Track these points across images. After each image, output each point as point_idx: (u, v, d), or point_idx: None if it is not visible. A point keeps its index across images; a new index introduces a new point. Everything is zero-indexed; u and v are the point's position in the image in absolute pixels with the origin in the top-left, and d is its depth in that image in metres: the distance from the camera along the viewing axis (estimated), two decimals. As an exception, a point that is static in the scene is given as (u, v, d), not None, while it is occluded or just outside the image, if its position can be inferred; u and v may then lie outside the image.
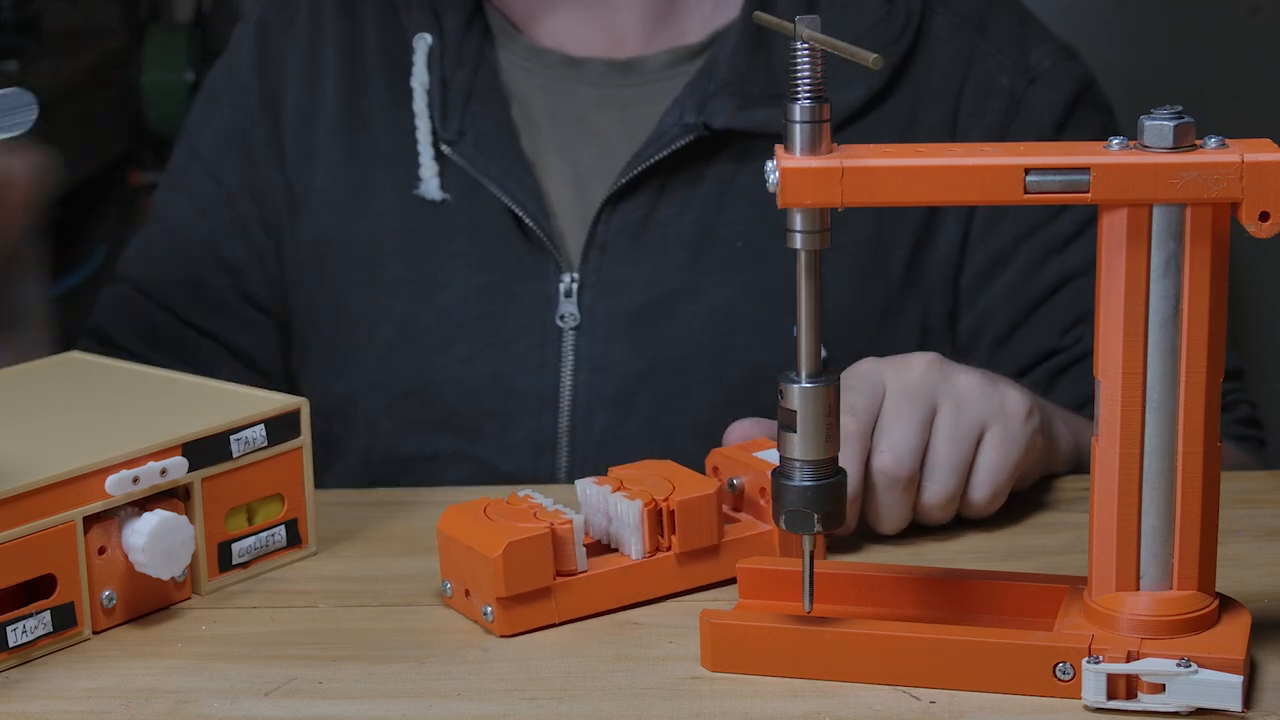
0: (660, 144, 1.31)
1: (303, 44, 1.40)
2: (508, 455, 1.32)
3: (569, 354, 1.32)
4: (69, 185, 2.68)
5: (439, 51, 1.35)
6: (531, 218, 1.31)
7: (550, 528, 0.98)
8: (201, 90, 1.46)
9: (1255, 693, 0.89)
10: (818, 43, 0.86)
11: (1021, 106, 1.34)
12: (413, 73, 1.35)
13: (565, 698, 0.91)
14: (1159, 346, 0.87)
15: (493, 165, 1.32)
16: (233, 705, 0.91)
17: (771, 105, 1.30)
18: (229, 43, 1.45)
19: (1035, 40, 1.37)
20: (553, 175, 1.34)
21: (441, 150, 1.34)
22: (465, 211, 1.34)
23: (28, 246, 1.21)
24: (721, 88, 1.31)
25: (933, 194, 0.87)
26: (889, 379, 1.08)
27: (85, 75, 2.75)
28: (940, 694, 0.89)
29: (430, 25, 1.36)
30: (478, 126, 1.34)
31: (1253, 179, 0.84)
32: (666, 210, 1.32)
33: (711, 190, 1.32)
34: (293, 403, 1.06)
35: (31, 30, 2.75)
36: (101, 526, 0.98)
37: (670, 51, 1.36)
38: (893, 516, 1.07)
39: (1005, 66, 1.34)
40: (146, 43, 2.83)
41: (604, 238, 1.32)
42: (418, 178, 1.34)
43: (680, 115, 1.31)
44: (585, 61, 1.37)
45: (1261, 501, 1.13)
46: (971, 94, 1.34)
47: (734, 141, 1.31)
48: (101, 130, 2.78)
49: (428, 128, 1.34)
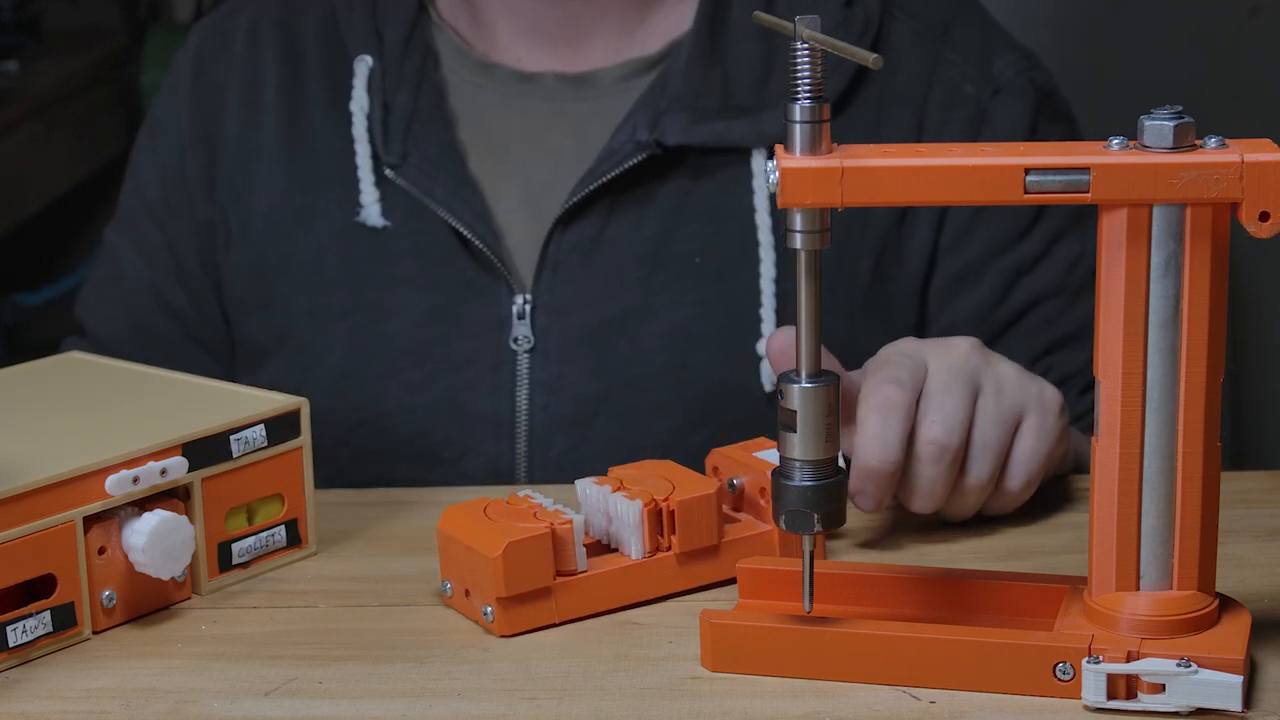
0: (612, 162, 1.29)
1: (240, 71, 1.38)
2: (465, 481, 1.30)
3: (524, 376, 1.29)
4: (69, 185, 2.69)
5: (379, 73, 1.33)
6: (480, 239, 1.29)
7: (550, 528, 0.98)
8: (145, 121, 1.44)
9: (1255, 693, 0.89)
10: (817, 43, 0.86)
11: (987, 115, 1.33)
12: (352, 97, 1.33)
13: (565, 698, 0.91)
14: (1159, 346, 0.87)
15: (438, 188, 1.30)
16: (233, 705, 0.91)
17: (726, 119, 1.29)
18: (170, 70, 1.43)
19: (998, 49, 1.35)
20: (504, 194, 1.32)
21: (385, 174, 1.31)
22: (411, 234, 1.31)
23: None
24: (674, 103, 1.29)
25: (933, 194, 0.87)
26: (932, 357, 1.08)
27: (85, 75, 2.75)
28: (940, 694, 0.89)
29: (372, 46, 1.34)
30: (421, 149, 1.31)
31: (1253, 179, 0.84)
32: (618, 228, 1.30)
33: (666, 206, 1.30)
34: (293, 403, 1.07)
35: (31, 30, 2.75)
36: (101, 526, 0.98)
37: (625, 64, 1.34)
38: (933, 492, 1.06)
39: (970, 75, 1.33)
40: (146, 43, 2.83)
41: (555, 257, 1.29)
42: (359, 204, 1.32)
43: (632, 132, 1.29)
44: (538, 76, 1.35)
45: (1261, 501, 1.13)
46: (937, 102, 1.32)
47: (688, 157, 1.29)
48: (101, 130, 2.78)
49: (368, 152, 1.32)
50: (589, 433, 1.29)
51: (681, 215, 1.30)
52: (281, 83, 1.36)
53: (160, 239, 1.38)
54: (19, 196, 2.55)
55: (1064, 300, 1.32)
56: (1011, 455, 1.08)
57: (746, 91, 1.30)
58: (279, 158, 1.35)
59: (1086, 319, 1.31)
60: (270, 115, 1.36)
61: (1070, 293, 1.32)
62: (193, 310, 1.38)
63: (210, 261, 1.37)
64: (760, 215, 1.29)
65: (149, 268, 1.39)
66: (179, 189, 1.38)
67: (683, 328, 1.29)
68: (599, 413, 1.29)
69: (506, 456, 1.30)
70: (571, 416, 1.29)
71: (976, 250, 1.32)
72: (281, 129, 1.36)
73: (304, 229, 1.33)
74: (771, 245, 1.29)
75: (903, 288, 1.32)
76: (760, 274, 1.28)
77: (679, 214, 1.30)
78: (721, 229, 1.29)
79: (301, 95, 1.36)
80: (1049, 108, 1.35)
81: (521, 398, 1.29)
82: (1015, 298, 1.32)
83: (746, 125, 1.28)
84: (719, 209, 1.30)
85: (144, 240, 1.39)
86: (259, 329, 1.35)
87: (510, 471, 1.30)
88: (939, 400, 1.06)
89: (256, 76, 1.37)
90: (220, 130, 1.38)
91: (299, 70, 1.37)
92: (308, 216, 1.34)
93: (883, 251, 1.31)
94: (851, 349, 1.17)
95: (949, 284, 1.32)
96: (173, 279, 1.38)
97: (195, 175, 1.38)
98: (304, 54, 1.37)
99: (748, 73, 1.30)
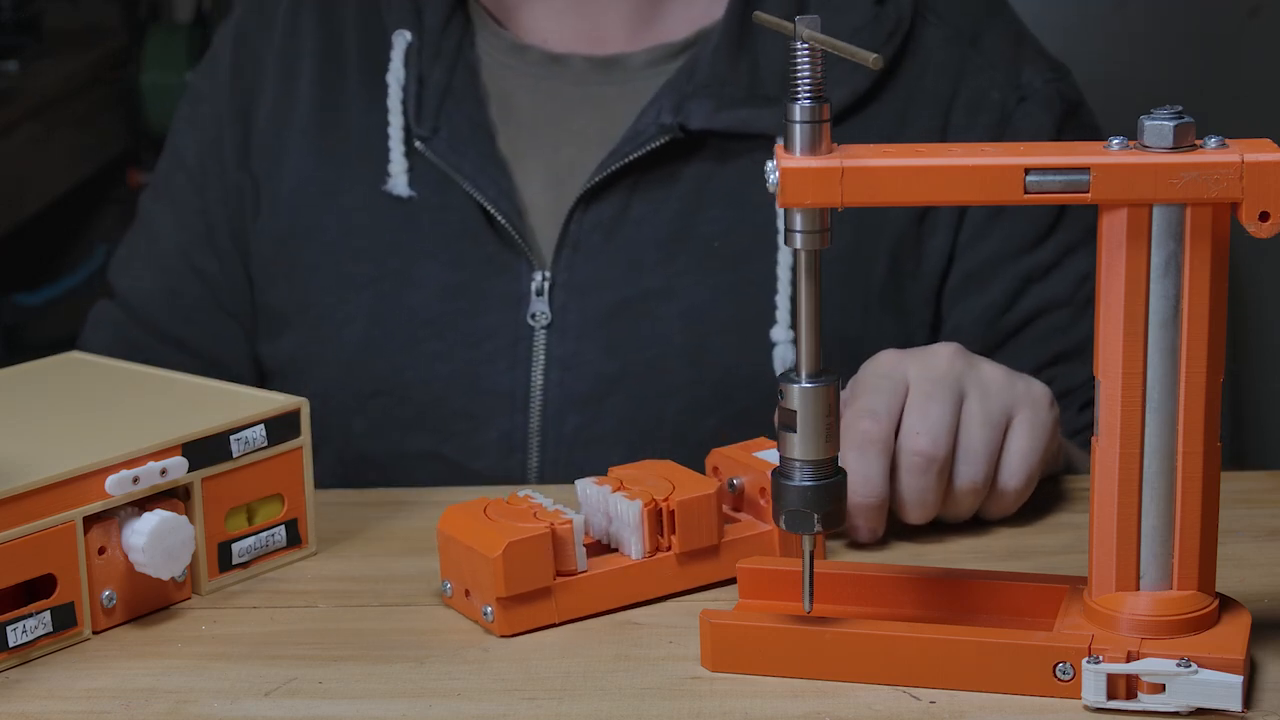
0: (636, 143, 1.30)
1: (280, 44, 1.40)
2: (478, 454, 1.31)
3: (540, 353, 1.30)
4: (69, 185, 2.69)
5: (417, 48, 1.35)
6: (503, 215, 1.30)
7: (550, 528, 0.98)
8: (185, 93, 1.46)
9: (1255, 693, 0.89)
10: (818, 43, 0.86)
11: (1011, 122, 1.33)
12: (389, 69, 1.35)
13: (565, 698, 0.91)
14: (1159, 346, 0.87)
15: (465, 162, 1.32)
16: (233, 705, 0.91)
17: (751, 106, 1.30)
18: (212, 42, 1.46)
19: (1028, 58, 1.36)
20: (530, 173, 1.34)
21: (414, 146, 1.33)
22: (436, 209, 1.33)
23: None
24: (700, 88, 1.30)
25: (933, 194, 0.87)
26: (912, 370, 1.08)
27: (85, 75, 2.75)
28: (940, 694, 0.89)
29: (411, 21, 1.36)
30: (452, 124, 1.33)
31: (1253, 179, 0.84)
32: (640, 209, 1.31)
33: (688, 190, 1.31)
34: (293, 403, 1.07)
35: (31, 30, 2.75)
36: (101, 526, 0.98)
37: (653, 49, 1.36)
38: (925, 503, 1.07)
39: (997, 81, 1.34)
40: (146, 43, 2.84)
41: (576, 235, 1.31)
42: (387, 174, 1.34)
43: (657, 115, 1.30)
44: (566, 58, 1.37)
45: (1261, 501, 1.13)
46: (963, 106, 1.33)
47: (712, 142, 1.31)
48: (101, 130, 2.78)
49: (400, 124, 1.34)
50: (601, 410, 1.30)
51: (703, 200, 1.31)
52: (320, 57, 1.38)
53: (196, 204, 1.40)
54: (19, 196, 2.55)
55: (1071, 312, 1.32)
56: (1005, 454, 1.08)
57: (774, 81, 1.31)
58: (313, 130, 1.37)
59: (1091, 335, 1.31)
60: (307, 88, 1.38)
61: (1078, 306, 1.32)
62: (222, 277, 1.39)
63: (240, 229, 1.39)
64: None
65: (183, 231, 1.41)
66: (215, 157, 1.40)
67: (700, 311, 1.30)
68: (613, 391, 1.30)
69: (520, 431, 1.31)
70: (586, 394, 1.30)
71: (991, 250, 1.32)
72: (317, 102, 1.38)
73: (332, 199, 1.35)
74: None
75: (921, 286, 1.33)
76: (778, 261, 1.29)
77: (700, 198, 1.31)
78: (742, 215, 1.30)
79: (339, 70, 1.38)
80: (1075, 120, 1.36)
81: (537, 373, 1.30)
82: (1024, 304, 1.32)
83: (772, 114, 1.30)
84: (740, 195, 1.31)
85: (179, 205, 1.41)
86: (281, 297, 1.37)
87: (523, 445, 1.31)
88: (922, 410, 1.06)
89: (296, 50, 1.39)
90: (257, 101, 1.39)
91: (338, 46, 1.39)
92: (337, 187, 1.36)
93: (899, 249, 1.32)
94: (863, 346, 1.18)
95: (962, 283, 1.33)
96: (205, 244, 1.40)
97: (231, 144, 1.39)
98: (344, 30, 1.39)
99: (776, 63, 1.32)
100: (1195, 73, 2.29)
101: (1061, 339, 1.32)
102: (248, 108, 1.39)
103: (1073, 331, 1.32)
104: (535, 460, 1.31)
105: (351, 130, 1.36)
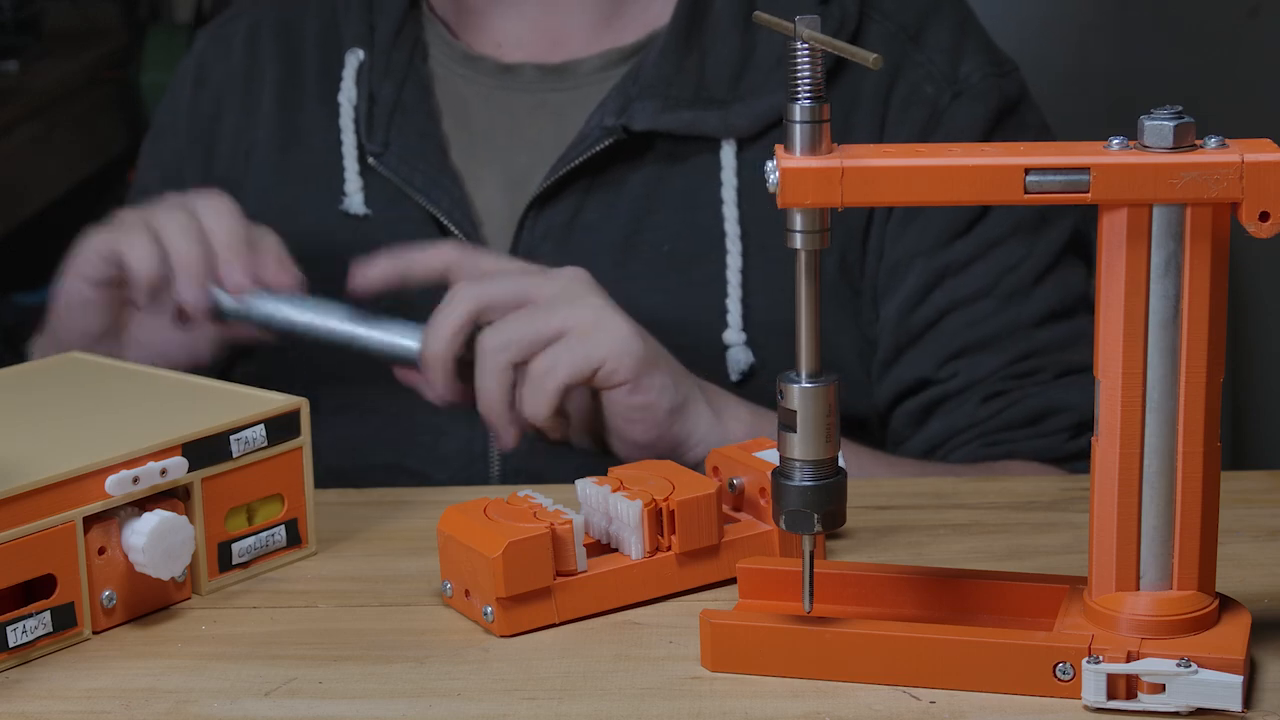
0: (582, 147, 1.31)
1: (238, 74, 1.41)
2: (441, 465, 1.32)
3: None
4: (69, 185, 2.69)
5: (368, 66, 1.36)
6: (456, 225, 1.31)
7: (550, 528, 0.98)
8: (151, 128, 1.48)
9: (1255, 693, 0.89)
10: (817, 43, 0.86)
11: (944, 117, 1.33)
12: (340, 88, 1.36)
13: (565, 698, 0.91)
14: (1159, 346, 0.87)
15: (417, 175, 1.33)
16: (233, 705, 0.91)
17: (697, 108, 1.30)
18: (174, 76, 1.47)
19: (970, 52, 1.35)
20: (486, 183, 1.35)
21: (367, 163, 1.34)
22: (391, 222, 1.34)
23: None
24: (645, 90, 1.31)
25: (932, 194, 0.87)
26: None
27: (85, 75, 2.75)
28: (940, 694, 0.89)
29: (365, 39, 1.37)
30: (403, 138, 1.35)
31: (1253, 179, 0.84)
32: (591, 214, 1.31)
33: (638, 194, 1.31)
34: (293, 403, 1.07)
35: (31, 30, 2.75)
36: (101, 526, 0.98)
37: (604, 54, 1.36)
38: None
39: (933, 76, 1.34)
40: (146, 43, 2.83)
41: (529, 242, 1.32)
42: (343, 193, 1.35)
43: (602, 118, 1.31)
44: (518, 67, 1.37)
45: (1261, 501, 1.13)
46: (897, 101, 1.33)
47: (660, 145, 1.31)
48: (101, 130, 2.78)
49: (354, 143, 1.35)
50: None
51: (652, 204, 1.32)
52: (278, 82, 1.39)
53: None
54: (19, 196, 2.55)
55: (992, 304, 1.32)
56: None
57: (720, 84, 1.32)
58: (273, 155, 1.39)
59: (1013, 325, 1.32)
60: (266, 115, 1.39)
61: (1000, 297, 1.32)
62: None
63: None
64: (728, 207, 1.31)
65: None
66: (176, 189, 1.39)
67: (653, 317, 1.29)
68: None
69: (480, 440, 1.32)
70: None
71: (905, 247, 1.33)
72: (276, 127, 1.39)
73: (291, 220, 1.35)
74: (739, 236, 1.30)
75: (868, 282, 1.33)
76: (727, 265, 1.29)
77: (649, 202, 1.32)
78: (691, 219, 1.31)
79: (298, 94, 1.39)
80: (1014, 117, 1.35)
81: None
82: (935, 299, 1.32)
83: (716, 116, 1.30)
84: (689, 198, 1.31)
85: None
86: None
87: (484, 455, 1.30)
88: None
89: (254, 78, 1.40)
90: (217, 133, 1.41)
91: (297, 69, 1.39)
92: (295, 208, 1.37)
93: (849, 246, 1.32)
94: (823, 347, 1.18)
95: (886, 279, 1.33)
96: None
97: (191, 177, 1.41)
98: (303, 54, 1.40)
99: (724, 66, 1.32)
100: (1195, 73, 2.30)
101: (971, 332, 1.32)
102: (206, 139, 1.41)
103: (990, 322, 1.31)
104: (496, 469, 1.31)
105: (310, 153, 1.37)
